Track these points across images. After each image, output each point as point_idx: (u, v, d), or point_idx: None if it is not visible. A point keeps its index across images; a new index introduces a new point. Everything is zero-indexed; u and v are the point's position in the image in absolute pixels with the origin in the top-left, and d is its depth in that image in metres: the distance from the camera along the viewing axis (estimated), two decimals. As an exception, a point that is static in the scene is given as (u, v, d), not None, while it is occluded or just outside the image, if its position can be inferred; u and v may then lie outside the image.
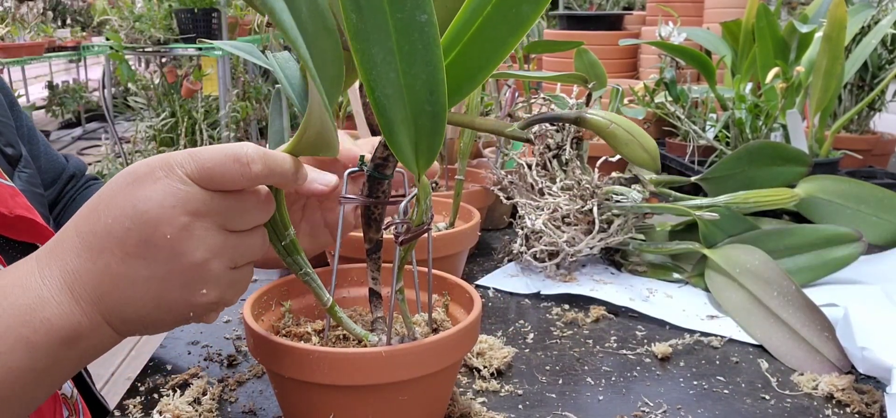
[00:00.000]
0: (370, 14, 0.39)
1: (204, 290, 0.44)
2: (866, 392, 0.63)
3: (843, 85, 1.20)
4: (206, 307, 0.46)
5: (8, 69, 4.19)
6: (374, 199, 0.53)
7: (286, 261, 0.52)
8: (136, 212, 0.42)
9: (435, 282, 0.63)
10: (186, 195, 0.43)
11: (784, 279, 0.75)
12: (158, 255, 0.43)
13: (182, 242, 0.43)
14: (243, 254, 0.47)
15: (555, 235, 0.87)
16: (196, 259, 0.43)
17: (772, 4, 1.31)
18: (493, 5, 0.44)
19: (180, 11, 3.67)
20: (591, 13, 2.47)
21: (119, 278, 0.43)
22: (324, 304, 0.53)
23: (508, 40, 0.44)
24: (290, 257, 0.51)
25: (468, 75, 0.46)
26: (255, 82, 4.02)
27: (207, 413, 0.59)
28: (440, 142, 0.45)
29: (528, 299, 0.85)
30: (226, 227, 0.45)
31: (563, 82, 1.04)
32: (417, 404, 0.52)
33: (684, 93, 1.27)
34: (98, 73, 6.29)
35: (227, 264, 0.45)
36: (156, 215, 0.42)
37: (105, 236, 0.43)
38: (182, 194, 0.43)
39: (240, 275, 0.47)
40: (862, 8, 1.23)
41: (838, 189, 0.94)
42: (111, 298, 0.43)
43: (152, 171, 0.43)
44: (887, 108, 1.37)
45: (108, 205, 0.43)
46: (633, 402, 0.62)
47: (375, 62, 0.41)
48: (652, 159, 0.52)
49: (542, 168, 0.92)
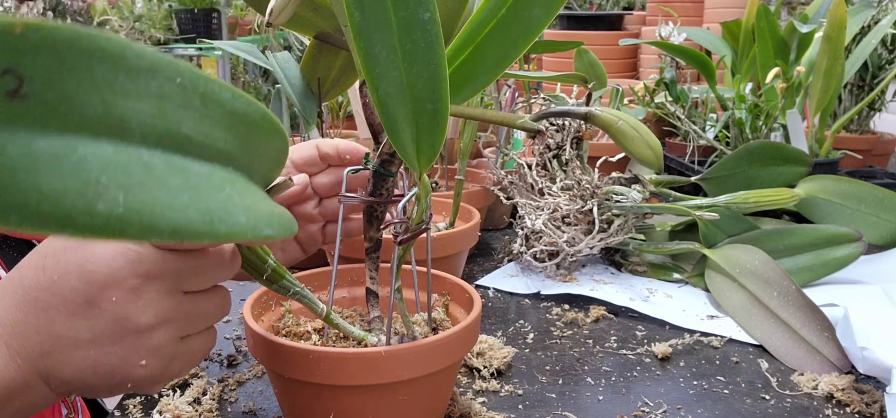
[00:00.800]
0: (373, 12, 0.39)
1: (143, 362, 0.41)
2: (866, 392, 0.63)
3: (843, 85, 1.20)
4: (146, 380, 0.42)
5: (8, 69, 4.19)
6: (375, 198, 0.53)
7: (272, 288, 0.50)
8: (83, 270, 0.40)
9: (435, 282, 0.63)
10: (138, 255, 0.40)
11: (784, 279, 0.75)
12: (101, 318, 0.40)
13: (128, 306, 0.40)
14: (196, 322, 0.43)
15: (555, 235, 0.86)
16: (141, 325, 0.40)
17: (772, 4, 1.31)
18: (507, 8, 0.45)
19: (180, 11, 3.67)
20: (591, 13, 2.47)
21: (62, 338, 0.40)
22: (319, 315, 0.53)
23: (519, 42, 0.46)
24: (276, 284, 0.50)
25: (480, 73, 0.47)
26: (255, 82, 4.02)
27: (207, 413, 0.59)
28: (442, 140, 0.45)
29: (528, 299, 0.85)
30: (181, 289, 0.42)
31: (563, 82, 1.04)
32: (417, 404, 0.52)
33: (684, 93, 1.28)
34: (98, 73, 6.27)
35: (175, 334, 0.42)
36: (104, 276, 0.39)
37: (50, 292, 0.40)
38: (133, 254, 0.40)
39: (189, 346, 0.44)
40: (862, 8, 1.23)
41: (838, 189, 0.94)
42: (52, 358, 0.40)
43: None
44: (887, 108, 1.37)
45: (57, 260, 0.40)
46: (633, 402, 0.62)
47: (378, 60, 0.41)
48: (656, 157, 0.53)
49: (542, 168, 0.92)
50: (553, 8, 0.45)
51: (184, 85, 0.29)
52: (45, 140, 0.23)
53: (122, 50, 0.26)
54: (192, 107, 0.30)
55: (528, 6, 0.45)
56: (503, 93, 1.09)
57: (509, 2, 0.45)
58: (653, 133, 0.58)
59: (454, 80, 0.47)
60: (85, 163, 0.24)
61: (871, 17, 1.25)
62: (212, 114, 0.31)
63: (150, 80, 0.27)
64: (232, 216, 0.31)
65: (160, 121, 0.28)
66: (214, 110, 0.31)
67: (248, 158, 0.35)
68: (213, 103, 0.31)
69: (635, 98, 1.43)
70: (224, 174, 0.32)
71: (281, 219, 0.36)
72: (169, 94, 0.28)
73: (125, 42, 0.26)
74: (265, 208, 0.35)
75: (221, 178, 0.32)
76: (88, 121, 0.25)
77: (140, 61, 0.27)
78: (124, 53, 0.26)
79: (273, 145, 0.38)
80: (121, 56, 0.26)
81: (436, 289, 0.63)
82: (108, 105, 0.25)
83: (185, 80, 0.29)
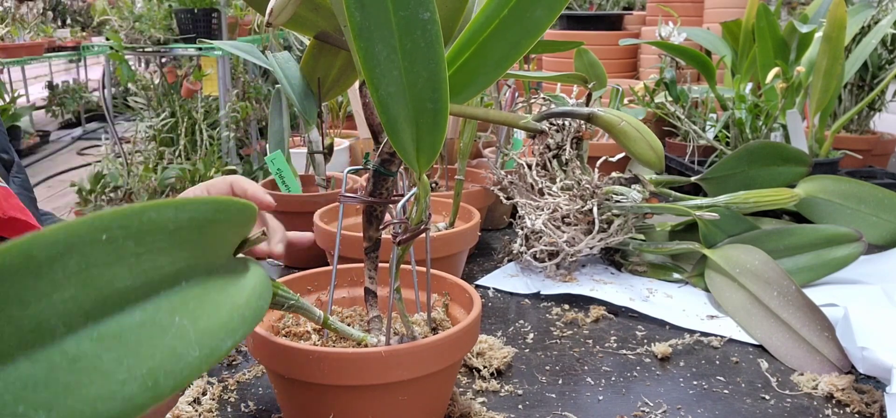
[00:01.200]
0: (373, 12, 0.39)
1: None
2: (866, 392, 0.63)
3: (843, 85, 1.20)
4: None
5: (8, 69, 4.19)
6: (375, 198, 0.53)
7: None
8: None
9: (435, 282, 0.63)
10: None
11: (784, 279, 0.75)
12: None
13: None
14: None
15: (555, 235, 0.86)
16: None
17: (772, 4, 1.31)
18: (509, 8, 0.45)
19: (180, 11, 3.67)
20: (591, 13, 2.47)
21: None
22: (316, 322, 0.53)
23: (522, 43, 0.46)
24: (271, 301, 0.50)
25: (482, 74, 0.47)
26: (255, 82, 4.02)
27: (207, 413, 0.59)
28: (442, 140, 0.45)
29: (528, 299, 0.85)
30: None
31: (563, 82, 1.04)
32: (417, 404, 0.52)
33: (684, 93, 1.28)
34: (98, 73, 6.28)
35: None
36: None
37: None
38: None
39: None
40: (862, 8, 1.23)
41: (838, 189, 0.94)
42: None
43: None
44: (887, 108, 1.37)
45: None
46: (633, 402, 0.62)
47: (378, 60, 0.41)
48: (657, 158, 0.53)
49: (542, 168, 0.92)
50: (556, 9, 0.45)
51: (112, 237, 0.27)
52: None
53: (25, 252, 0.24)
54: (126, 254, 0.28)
55: (530, 7, 0.45)
56: (503, 93, 1.09)
57: (512, 2, 0.45)
58: (653, 133, 0.59)
59: (456, 81, 0.47)
60: None
61: (871, 17, 1.25)
62: (152, 247, 0.30)
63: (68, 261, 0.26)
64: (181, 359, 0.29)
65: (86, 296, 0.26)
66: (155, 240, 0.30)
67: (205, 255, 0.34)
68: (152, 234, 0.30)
69: (635, 98, 1.43)
70: (173, 301, 0.31)
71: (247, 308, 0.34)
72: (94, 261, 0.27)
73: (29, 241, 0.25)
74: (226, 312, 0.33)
75: (170, 309, 0.30)
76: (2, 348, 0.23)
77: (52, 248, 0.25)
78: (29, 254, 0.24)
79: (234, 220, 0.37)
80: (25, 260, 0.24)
81: (436, 289, 0.63)
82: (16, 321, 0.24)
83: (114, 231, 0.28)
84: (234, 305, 0.34)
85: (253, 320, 0.35)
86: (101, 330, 0.27)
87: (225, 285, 0.35)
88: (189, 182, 3.57)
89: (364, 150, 1.34)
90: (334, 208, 0.87)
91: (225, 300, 0.34)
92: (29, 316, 0.24)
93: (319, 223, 0.81)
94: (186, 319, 0.30)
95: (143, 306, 0.29)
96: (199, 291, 0.32)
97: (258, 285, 0.38)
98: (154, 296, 0.30)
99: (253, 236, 0.42)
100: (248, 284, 0.37)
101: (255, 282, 0.38)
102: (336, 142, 1.34)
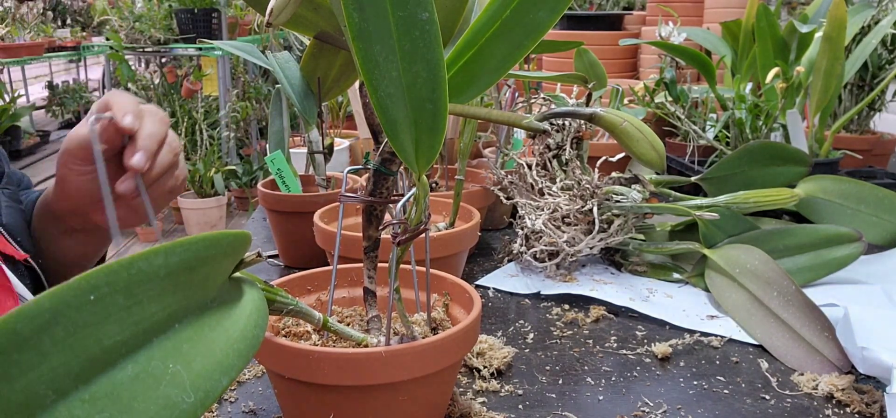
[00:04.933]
0: (372, 13, 0.39)
1: None
2: (866, 392, 0.63)
3: (843, 85, 1.20)
4: None
5: (8, 69, 4.20)
6: (375, 198, 0.53)
7: None
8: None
9: (434, 282, 0.63)
10: None
11: (784, 279, 0.75)
12: None
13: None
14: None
15: (555, 235, 0.86)
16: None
17: (772, 4, 1.31)
18: (512, 10, 0.45)
19: (180, 11, 3.67)
20: (591, 13, 2.47)
21: None
22: (315, 325, 0.53)
23: (524, 44, 0.46)
24: (270, 306, 0.48)
25: (484, 75, 0.47)
26: (255, 82, 4.02)
27: (207, 412, 0.59)
28: (441, 140, 0.45)
29: (528, 299, 0.85)
30: None
31: (563, 82, 1.04)
32: (417, 404, 0.52)
33: (684, 93, 1.28)
34: (98, 73, 6.29)
35: None
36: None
37: None
38: None
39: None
40: (862, 8, 1.23)
41: (838, 189, 0.94)
42: None
43: None
44: (887, 108, 1.37)
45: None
46: (633, 402, 0.62)
47: (377, 61, 0.41)
48: (659, 158, 0.53)
49: (542, 168, 0.92)
50: (558, 10, 0.45)
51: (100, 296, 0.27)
52: None
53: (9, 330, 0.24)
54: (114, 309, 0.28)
55: (532, 8, 0.45)
56: (503, 93, 1.10)
57: (514, 4, 0.45)
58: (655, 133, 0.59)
59: (458, 81, 0.47)
60: None
61: (871, 17, 1.25)
62: (142, 296, 0.29)
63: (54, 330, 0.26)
64: (176, 408, 0.29)
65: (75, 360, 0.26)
66: (145, 290, 0.29)
67: (196, 294, 0.33)
68: (142, 285, 0.29)
69: (635, 98, 1.43)
70: (165, 346, 0.30)
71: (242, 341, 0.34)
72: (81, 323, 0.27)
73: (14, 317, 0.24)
74: (220, 350, 0.33)
75: (162, 357, 0.30)
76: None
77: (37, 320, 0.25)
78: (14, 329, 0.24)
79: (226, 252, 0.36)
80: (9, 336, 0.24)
81: (436, 289, 0.63)
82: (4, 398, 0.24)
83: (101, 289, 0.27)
84: (228, 340, 0.33)
85: (249, 351, 0.35)
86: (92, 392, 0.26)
87: (220, 319, 0.34)
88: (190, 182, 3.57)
89: (364, 150, 1.34)
90: (334, 208, 0.87)
91: (219, 336, 0.33)
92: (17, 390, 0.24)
93: (319, 223, 0.81)
94: (180, 364, 0.30)
95: (134, 358, 0.28)
96: (192, 332, 0.32)
97: (253, 311, 0.37)
98: (146, 346, 0.29)
99: (248, 258, 0.41)
100: (243, 312, 0.36)
101: (250, 308, 0.37)
102: (336, 142, 1.34)
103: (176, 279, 0.31)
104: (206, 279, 0.34)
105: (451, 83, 0.47)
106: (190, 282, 0.32)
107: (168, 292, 0.31)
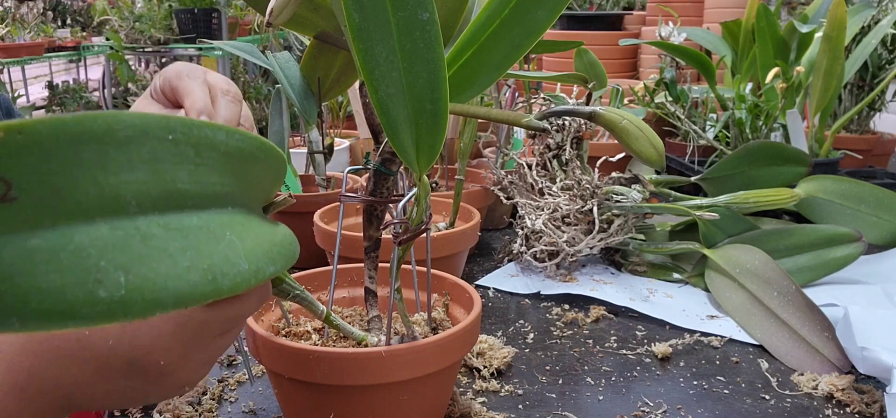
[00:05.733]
0: (373, 13, 0.39)
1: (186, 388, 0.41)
2: (866, 392, 0.63)
3: (843, 85, 1.20)
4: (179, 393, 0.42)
5: (8, 69, 4.19)
6: (375, 198, 0.53)
7: (273, 292, 0.49)
8: (124, 332, 0.37)
9: (435, 282, 0.63)
10: (187, 319, 0.38)
11: (784, 279, 0.75)
12: (147, 376, 0.38)
13: (175, 365, 0.38)
14: (229, 344, 0.43)
15: (555, 235, 0.86)
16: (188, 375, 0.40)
17: (772, 4, 1.31)
18: (510, 9, 0.45)
19: (180, 11, 3.67)
20: (591, 13, 2.47)
21: (89, 385, 0.38)
22: (318, 317, 0.53)
23: (523, 43, 0.46)
24: (276, 288, 0.49)
25: (483, 74, 0.47)
26: (254, 82, 4.02)
27: (207, 413, 0.59)
28: (441, 140, 0.45)
29: (528, 299, 0.85)
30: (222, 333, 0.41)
31: (563, 82, 1.04)
32: (417, 404, 0.52)
33: (684, 93, 1.28)
34: (98, 73, 6.28)
35: (212, 364, 0.42)
36: (148, 340, 0.37)
37: (80, 344, 0.37)
38: (182, 318, 0.38)
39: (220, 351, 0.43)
40: (862, 8, 1.23)
41: (838, 189, 0.94)
42: (75, 398, 0.38)
43: None
44: (887, 108, 1.37)
45: None
46: (633, 402, 0.62)
47: (378, 61, 0.41)
48: (658, 155, 0.53)
49: (542, 168, 0.92)
50: (556, 9, 0.45)
51: (176, 140, 0.29)
52: (39, 237, 0.23)
53: (108, 125, 0.26)
54: (187, 159, 0.30)
55: (531, 7, 0.45)
56: (503, 92, 1.10)
57: (512, 3, 0.45)
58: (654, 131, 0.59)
59: (457, 81, 0.47)
60: (82, 251, 0.24)
61: (871, 17, 1.25)
62: (207, 161, 0.31)
63: (142, 146, 0.27)
64: (234, 266, 0.31)
65: (155, 185, 0.28)
66: (209, 156, 0.31)
67: (246, 191, 0.35)
68: (208, 149, 0.31)
69: (635, 98, 1.43)
70: (222, 218, 0.32)
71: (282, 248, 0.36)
72: (161, 155, 0.28)
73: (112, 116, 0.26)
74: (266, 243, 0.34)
75: (221, 224, 0.32)
76: (82, 207, 0.25)
77: (129, 130, 0.26)
78: (112, 128, 0.26)
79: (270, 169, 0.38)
80: (108, 131, 0.25)
81: (436, 289, 0.63)
82: (100, 185, 0.25)
83: (178, 134, 0.29)
84: (272, 240, 0.36)
85: (289, 258, 0.37)
86: (166, 221, 0.28)
87: (263, 224, 0.37)
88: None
89: (364, 150, 1.34)
90: (334, 208, 0.87)
91: (265, 233, 0.35)
92: (109, 184, 0.26)
93: (319, 223, 0.81)
94: (235, 236, 0.32)
95: (198, 213, 0.30)
96: (243, 220, 0.34)
97: (289, 234, 0.39)
98: (207, 209, 0.31)
99: (278, 199, 0.43)
100: (281, 230, 0.39)
101: (285, 231, 0.39)
102: (336, 142, 1.34)
103: (232, 162, 0.33)
104: (252, 184, 0.36)
105: (451, 82, 0.47)
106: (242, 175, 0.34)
107: (226, 171, 0.33)
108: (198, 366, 0.40)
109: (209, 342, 0.40)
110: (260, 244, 0.34)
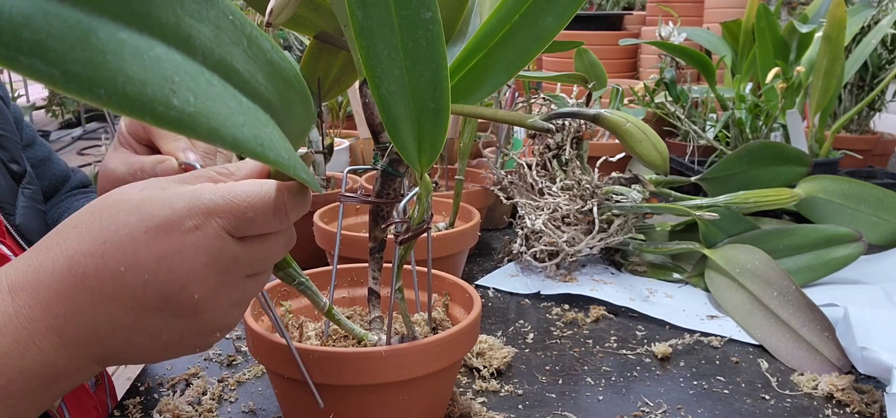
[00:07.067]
0: (375, 11, 0.39)
1: (218, 334, 0.42)
2: (866, 392, 0.63)
3: (843, 85, 1.20)
4: (212, 343, 0.43)
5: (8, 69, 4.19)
6: (382, 199, 0.53)
7: (278, 276, 0.50)
8: (160, 267, 0.37)
9: (435, 282, 0.63)
10: (220, 252, 0.39)
11: (784, 279, 0.75)
12: (180, 312, 0.39)
13: (209, 302, 0.39)
14: (257, 290, 0.44)
15: (555, 235, 0.86)
16: (220, 315, 0.41)
17: (772, 4, 1.31)
18: (520, 15, 0.45)
19: (180, 11, 3.67)
20: (591, 13, 2.47)
21: (124, 327, 0.38)
22: (321, 309, 0.53)
23: (531, 48, 0.46)
24: (282, 271, 0.50)
25: (491, 78, 0.48)
26: (254, 82, 4.02)
27: (207, 413, 0.59)
28: (443, 139, 0.45)
29: (528, 299, 0.85)
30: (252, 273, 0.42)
31: (563, 82, 1.04)
32: (417, 404, 0.52)
33: (684, 93, 1.27)
34: (97, 73, 6.24)
35: (244, 307, 0.43)
36: (183, 274, 0.38)
37: (114, 284, 0.37)
38: (215, 251, 0.39)
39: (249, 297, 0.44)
40: (862, 8, 1.23)
41: (838, 189, 0.94)
42: (109, 343, 0.39)
43: (180, 220, 0.38)
44: (887, 108, 1.37)
45: (122, 250, 0.37)
46: (633, 402, 0.62)
47: (380, 59, 0.41)
48: (662, 159, 0.53)
49: (542, 168, 0.92)
50: (566, 15, 0.45)
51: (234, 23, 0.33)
52: (128, 34, 0.26)
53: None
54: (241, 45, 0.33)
55: (541, 14, 0.45)
56: (503, 93, 1.09)
57: (522, 9, 0.45)
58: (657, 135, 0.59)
59: (466, 84, 0.48)
60: (162, 61, 0.27)
61: (871, 17, 1.25)
62: (256, 57, 0.34)
63: (210, 8, 0.31)
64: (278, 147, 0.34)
65: (217, 49, 0.31)
66: (258, 54, 0.35)
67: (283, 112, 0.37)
68: (257, 48, 0.34)
69: (635, 98, 1.43)
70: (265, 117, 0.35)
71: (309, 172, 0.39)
72: (223, 27, 0.32)
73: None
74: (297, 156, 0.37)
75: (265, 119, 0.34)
76: (162, 29, 0.28)
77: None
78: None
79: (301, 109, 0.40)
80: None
81: (436, 289, 0.63)
82: (178, 18, 0.29)
83: (236, 19, 0.33)
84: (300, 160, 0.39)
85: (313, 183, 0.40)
86: (223, 83, 0.31)
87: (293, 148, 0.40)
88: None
89: (364, 150, 1.34)
90: (334, 208, 0.87)
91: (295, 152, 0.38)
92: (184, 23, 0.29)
93: (319, 223, 0.81)
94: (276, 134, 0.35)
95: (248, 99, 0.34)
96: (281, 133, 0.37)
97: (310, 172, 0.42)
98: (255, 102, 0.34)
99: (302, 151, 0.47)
100: None
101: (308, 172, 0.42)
102: (336, 142, 1.34)
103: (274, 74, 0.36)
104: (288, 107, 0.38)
105: (460, 86, 0.48)
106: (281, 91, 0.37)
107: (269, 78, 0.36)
108: (229, 308, 0.41)
109: (239, 280, 0.41)
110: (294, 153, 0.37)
